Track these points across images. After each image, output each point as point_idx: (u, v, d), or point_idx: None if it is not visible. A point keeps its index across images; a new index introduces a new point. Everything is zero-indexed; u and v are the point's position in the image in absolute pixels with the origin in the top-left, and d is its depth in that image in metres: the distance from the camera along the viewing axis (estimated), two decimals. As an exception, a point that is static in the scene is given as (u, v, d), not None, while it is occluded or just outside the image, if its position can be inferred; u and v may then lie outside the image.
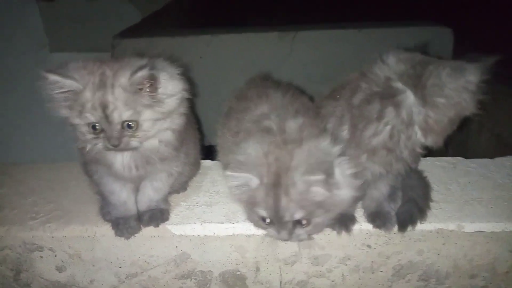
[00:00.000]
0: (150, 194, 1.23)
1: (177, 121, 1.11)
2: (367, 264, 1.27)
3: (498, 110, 2.82)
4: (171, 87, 1.06)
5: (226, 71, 3.19)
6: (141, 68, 0.99)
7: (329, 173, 0.95)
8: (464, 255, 1.26)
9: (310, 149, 0.99)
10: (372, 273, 1.29)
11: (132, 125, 1.02)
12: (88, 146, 1.06)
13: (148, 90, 1.02)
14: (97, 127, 1.01)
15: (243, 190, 1.02)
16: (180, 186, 1.37)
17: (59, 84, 0.98)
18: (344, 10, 4.23)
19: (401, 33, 3.17)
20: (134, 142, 1.04)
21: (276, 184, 0.97)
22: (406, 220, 1.19)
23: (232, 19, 3.90)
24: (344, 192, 1.01)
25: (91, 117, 1.00)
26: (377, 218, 1.21)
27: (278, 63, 3.20)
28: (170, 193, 1.32)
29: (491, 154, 1.59)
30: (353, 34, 3.15)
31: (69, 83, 0.98)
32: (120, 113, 1.00)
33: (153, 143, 1.09)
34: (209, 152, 1.59)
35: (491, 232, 1.22)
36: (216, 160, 1.58)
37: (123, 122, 1.01)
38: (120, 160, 1.10)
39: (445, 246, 1.24)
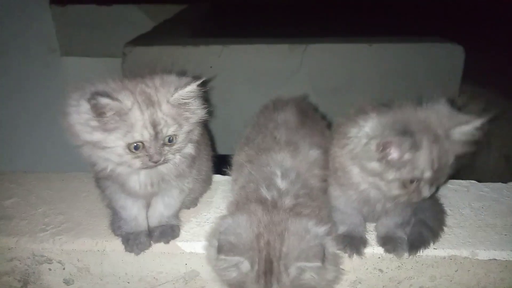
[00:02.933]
0: (161, 210, 1.22)
1: (196, 131, 1.13)
2: (378, 288, 1.26)
3: (507, 131, 2.80)
4: (199, 100, 1.09)
5: (236, 81, 3.20)
6: (188, 83, 1.02)
7: (323, 259, 0.91)
8: (477, 283, 1.24)
9: (299, 232, 0.94)
10: (383, 297, 1.27)
11: (172, 139, 1.04)
12: (111, 167, 1.05)
13: (189, 103, 1.05)
14: (138, 146, 1.00)
15: (232, 273, 0.96)
16: (191, 202, 1.37)
17: (108, 107, 0.95)
18: (355, 24, 4.23)
19: (412, 49, 3.18)
20: (170, 155, 1.06)
21: (268, 271, 0.92)
22: (415, 243, 1.18)
23: (244, 29, 3.91)
24: (331, 273, 0.97)
25: (139, 136, 0.99)
26: (388, 242, 1.19)
27: (288, 75, 3.21)
28: (180, 209, 1.31)
29: (499, 175, 1.58)
30: (364, 48, 3.15)
31: (118, 105, 0.95)
32: (168, 128, 1.01)
33: (175, 158, 1.09)
34: (217, 162, 1.59)
35: (506, 260, 1.20)
36: (227, 174, 1.58)
37: (167, 137, 1.03)
38: (136, 178, 1.10)
39: (457, 272, 1.23)
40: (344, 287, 1.26)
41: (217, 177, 1.56)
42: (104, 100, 0.94)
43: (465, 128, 0.96)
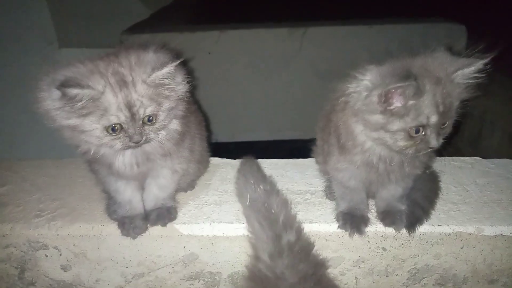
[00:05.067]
0: (155, 192, 1.19)
1: (181, 107, 1.08)
2: (381, 267, 1.23)
3: (510, 109, 2.75)
4: (180, 76, 1.04)
5: (234, 67, 3.16)
6: (165, 64, 0.97)
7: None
8: (484, 259, 1.21)
9: None
10: (387, 276, 1.24)
11: (152, 118, 1.00)
12: (94, 149, 1.02)
13: (167, 83, 1.00)
14: (116, 128, 0.97)
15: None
16: (187, 184, 1.34)
17: (79, 96, 0.91)
18: (355, 5, 4.15)
19: (413, 29, 3.12)
20: (152, 134, 1.02)
21: None
22: (412, 221, 1.15)
23: (241, 14, 3.85)
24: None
25: (115, 119, 0.95)
26: (387, 216, 1.17)
27: (287, 60, 3.16)
28: (177, 191, 1.28)
29: (503, 153, 1.54)
30: (364, 30, 3.09)
31: (88, 92, 0.91)
32: (145, 108, 0.97)
33: (158, 136, 1.05)
34: (216, 149, 1.56)
35: (512, 235, 1.17)
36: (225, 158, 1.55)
37: (146, 117, 0.99)
38: (121, 158, 1.06)
39: (463, 249, 1.19)
40: (347, 266, 1.23)
41: (215, 160, 1.53)
42: (73, 91, 0.90)
43: (468, 70, 0.93)
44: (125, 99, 0.95)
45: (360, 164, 1.04)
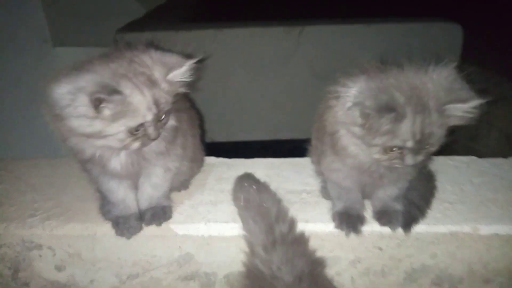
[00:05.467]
0: (149, 191, 1.18)
1: (179, 102, 1.10)
2: (378, 267, 1.22)
3: (507, 110, 2.77)
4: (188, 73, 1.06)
5: (230, 66, 3.14)
6: (183, 63, 1.00)
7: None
8: (479, 259, 1.21)
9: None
10: (383, 276, 1.24)
11: (165, 115, 1.02)
12: (99, 152, 1.02)
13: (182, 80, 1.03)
14: (139, 128, 0.97)
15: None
16: (181, 184, 1.33)
17: (112, 102, 0.90)
18: (352, 5, 4.16)
19: (410, 29, 3.12)
20: (161, 130, 1.04)
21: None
22: (408, 221, 1.15)
23: (237, 13, 3.84)
24: None
25: (142, 119, 0.96)
26: (383, 216, 1.16)
27: (284, 59, 3.15)
28: (170, 190, 1.27)
29: (500, 154, 1.54)
30: (361, 29, 3.09)
31: (120, 97, 0.90)
32: (167, 105, 1.00)
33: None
34: (213, 149, 1.55)
35: (508, 235, 1.17)
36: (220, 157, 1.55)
37: (164, 113, 1.01)
38: (117, 159, 1.05)
39: (459, 249, 1.19)
40: (343, 267, 1.23)
41: (211, 159, 1.52)
42: (112, 98, 0.89)
43: (462, 106, 0.90)
44: (154, 97, 0.96)
45: (352, 168, 1.04)
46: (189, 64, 1.01)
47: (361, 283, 1.25)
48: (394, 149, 0.94)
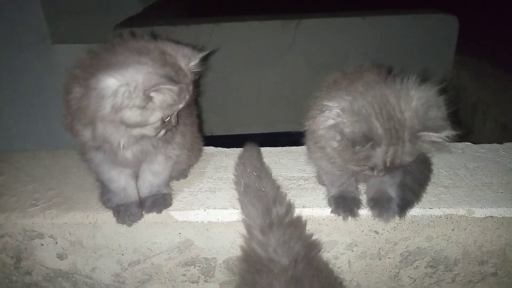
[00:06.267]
0: (150, 178, 1.20)
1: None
2: (374, 250, 1.24)
3: (502, 99, 2.79)
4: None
5: (228, 60, 3.15)
6: (196, 54, 1.06)
7: None
8: (474, 241, 1.23)
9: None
10: (379, 259, 1.26)
11: None
12: (123, 141, 1.03)
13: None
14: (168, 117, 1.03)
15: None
16: (180, 173, 1.35)
17: (167, 91, 0.96)
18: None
19: (406, 20, 3.14)
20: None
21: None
22: (403, 205, 1.17)
23: (235, 7, 3.85)
24: None
25: (177, 108, 1.03)
26: (375, 206, 1.16)
27: (281, 52, 3.17)
28: (170, 179, 1.29)
29: (495, 142, 1.56)
30: (357, 21, 3.10)
31: (177, 88, 0.97)
32: (190, 94, 1.05)
33: None
34: (212, 143, 1.57)
35: (502, 217, 1.19)
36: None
37: None
38: (133, 146, 1.08)
39: (454, 231, 1.21)
40: (340, 250, 1.25)
41: (210, 149, 1.54)
42: (165, 87, 0.95)
43: (434, 135, 0.92)
44: (187, 87, 1.02)
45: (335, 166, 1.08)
46: (201, 55, 1.06)
47: (358, 266, 1.27)
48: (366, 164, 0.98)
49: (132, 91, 0.92)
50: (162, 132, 1.05)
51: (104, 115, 0.95)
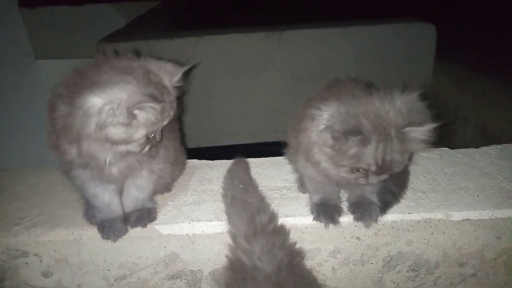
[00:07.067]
0: (134, 193, 1.21)
1: None
2: (357, 256, 1.27)
3: (482, 104, 2.87)
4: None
5: (213, 72, 3.19)
6: (181, 68, 1.09)
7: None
8: (453, 244, 1.26)
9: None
10: (363, 265, 1.29)
11: None
12: (109, 158, 1.06)
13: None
14: (152, 133, 1.05)
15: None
16: (163, 187, 1.36)
17: (151, 108, 0.99)
18: (329, 8, 4.25)
19: (385, 30, 3.22)
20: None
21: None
22: (382, 206, 1.21)
23: (217, 20, 3.90)
24: None
25: (161, 125, 1.05)
26: (356, 210, 1.19)
27: (265, 63, 3.22)
28: (154, 193, 1.30)
29: (476, 146, 1.61)
30: (338, 32, 3.17)
31: (159, 106, 0.99)
32: (174, 110, 1.08)
33: None
34: (199, 155, 1.59)
35: (479, 219, 1.23)
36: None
37: None
38: (119, 162, 1.10)
39: (433, 235, 1.25)
40: (324, 257, 1.27)
41: (194, 162, 1.56)
42: (148, 105, 0.97)
43: (418, 129, 0.98)
44: (171, 105, 1.04)
45: (324, 176, 1.12)
46: (183, 70, 1.09)
47: (342, 272, 1.30)
48: (360, 169, 1.02)
49: (115, 109, 0.95)
50: (147, 148, 1.07)
51: (90, 133, 0.97)
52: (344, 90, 1.08)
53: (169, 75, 1.06)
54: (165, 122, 1.06)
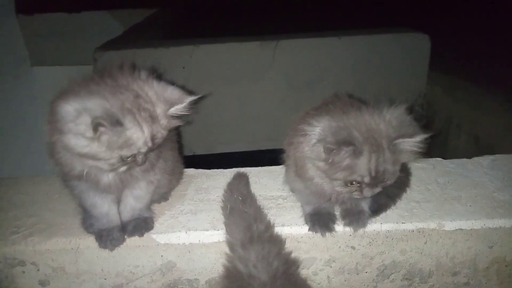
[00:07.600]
0: (132, 203, 1.22)
1: None
2: (351, 265, 1.29)
3: (475, 113, 2.91)
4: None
5: (209, 81, 3.21)
6: (184, 99, 1.06)
7: None
8: (446, 253, 1.28)
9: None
10: (357, 274, 1.30)
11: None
12: (87, 170, 1.05)
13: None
14: (130, 157, 1.02)
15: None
16: (160, 197, 1.37)
17: (112, 131, 0.96)
18: (325, 18, 4.31)
19: (380, 39, 3.26)
20: (148, 156, 1.09)
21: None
22: (376, 209, 1.24)
23: (214, 29, 3.93)
24: None
25: (136, 150, 1.01)
26: (347, 216, 1.22)
27: (261, 72, 3.25)
28: (151, 203, 1.31)
29: (469, 155, 1.64)
30: (333, 41, 3.21)
31: (121, 129, 0.96)
32: (162, 138, 1.06)
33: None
34: (195, 162, 1.60)
35: (471, 229, 1.25)
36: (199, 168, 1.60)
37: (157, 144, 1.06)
38: (105, 176, 1.11)
39: (427, 245, 1.27)
40: (319, 266, 1.28)
41: (191, 171, 1.57)
42: (113, 128, 0.95)
43: (409, 141, 1.01)
44: (151, 133, 1.01)
45: (315, 192, 1.14)
46: (189, 100, 1.07)
47: (337, 281, 1.31)
48: (354, 182, 1.04)
49: (78, 117, 0.94)
50: (123, 168, 1.05)
51: (56, 140, 0.99)
52: (332, 107, 1.11)
53: (167, 104, 1.04)
54: (142, 150, 1.02)
